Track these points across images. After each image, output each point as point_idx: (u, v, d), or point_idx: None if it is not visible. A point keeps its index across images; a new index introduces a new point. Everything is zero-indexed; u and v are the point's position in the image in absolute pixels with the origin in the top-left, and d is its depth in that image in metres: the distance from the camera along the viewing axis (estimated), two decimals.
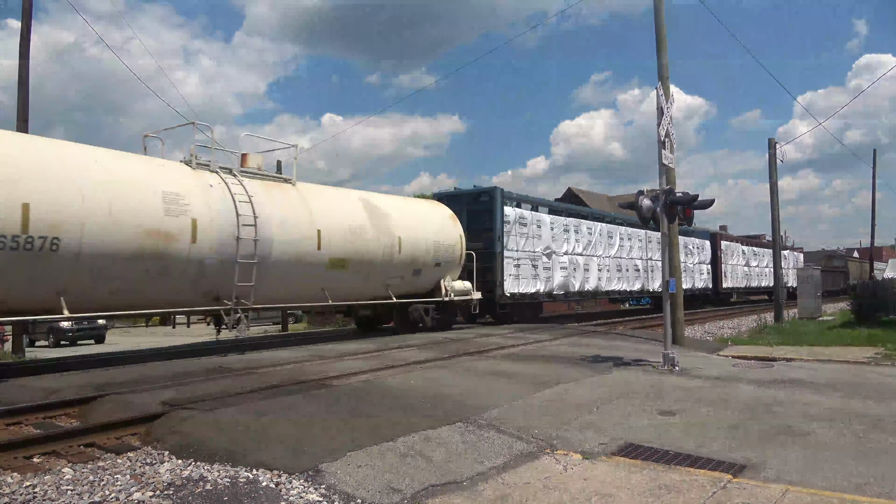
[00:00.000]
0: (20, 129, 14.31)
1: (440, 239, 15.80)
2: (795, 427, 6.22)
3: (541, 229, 20.52)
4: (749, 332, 20.32)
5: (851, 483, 4.63)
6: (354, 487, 4.56)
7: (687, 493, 4.45)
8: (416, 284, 15.50)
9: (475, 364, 10.01)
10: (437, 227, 15.96)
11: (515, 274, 18.99)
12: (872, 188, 39.58)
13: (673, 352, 10.20)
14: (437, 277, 15.98)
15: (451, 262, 16.26)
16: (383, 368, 9.26)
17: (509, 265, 18.75)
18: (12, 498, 4.26)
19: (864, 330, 17.38)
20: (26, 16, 14.98)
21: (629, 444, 5.72)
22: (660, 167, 10.73)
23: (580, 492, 4.54)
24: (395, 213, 14.92)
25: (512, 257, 18.89)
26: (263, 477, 4.70)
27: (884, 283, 24.40)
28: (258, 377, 8.40)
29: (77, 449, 5.60)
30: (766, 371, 10.00)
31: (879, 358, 11.91)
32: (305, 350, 11.83)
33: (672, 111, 10.96)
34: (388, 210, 14.78)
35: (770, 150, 22.77)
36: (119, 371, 9.15)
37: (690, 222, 11.26)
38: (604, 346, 13.12)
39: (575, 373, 9.33)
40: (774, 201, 23.13)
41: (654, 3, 14.27)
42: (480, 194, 19.75)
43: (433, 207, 17.06)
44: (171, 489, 4.46)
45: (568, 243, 21.92)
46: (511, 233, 18.94)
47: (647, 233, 27.06)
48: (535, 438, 5.87)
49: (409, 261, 14.86)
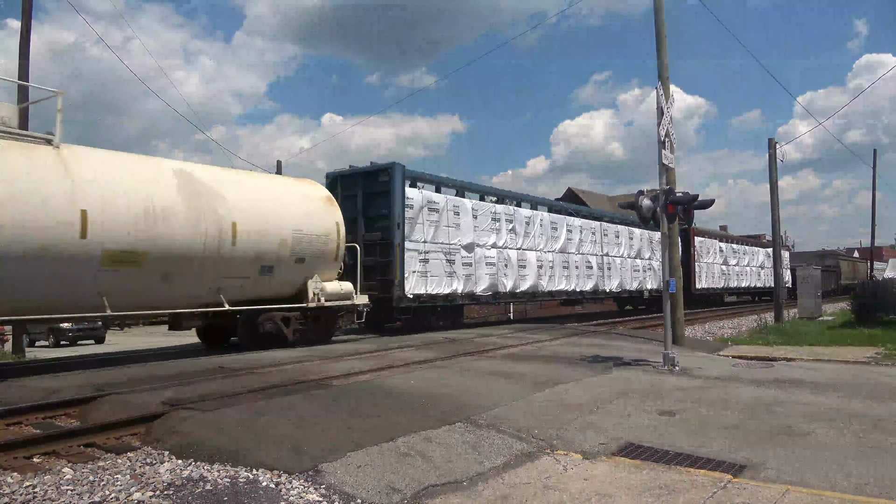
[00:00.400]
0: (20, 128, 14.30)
1: (305, 227, 12.46)
2: (795, 427, 6.21)
3: (460, 217, 17.13)
4: (749, 332, 20.31)
5: (851, 483, 4.63)
6: (354, 487, 4.56)
7: (687, 494, 4.45)
8: (268, 287, 12.19)
9: (475, 364, 10.01)
10: (300, 212, 12.56)
11: (422, 271, 15.69)
12: (872, 188, 39.59)
13: (673, 352, 10.20)
14: (302, 277, 12.61)
15: (321, 257, 12.88)
16: (383, 368, 9.26)
17: (413, 260, 15.45)
18: (12, 498, 4.26)
19: (865, 330, 17.38)
20: (26, 15, 14.98)
21: (629, 444, 5.71)
22: (660, 167, 10.73)
23: (580, 492, 4.54)
24: (232, 191, 11.46)
25: (417, 250, 15.59)
26: (263, 477, 4.70)
27: (884, 283, 24.41)
28: (258, 377, 8.40)
29: (77, 449, 5.60)
30: (767, 371, 9.99)
31: (880, 358, 11.91)
32: (305, 350, 11.82)
33: (672, 111, 10.96)
34: (219, 187, 11.35)
35: (770, 150, 22.76)
36: (119, 371, 9.15)
37: (690, 222, 11.28)
38: (604, 345, 13.11)
39: (575, 373, 9.33)
40: (774, 201, 23.13)
41: (654, 3, 14.26)
42: (378, 173, 16.10)
43: (298, 187, 13.44)
44: (171, 489, 4.46)
45: (498, 235, 18.50)
46: (417, 220, 15.70)
47: (601, 225, 24.48)
48: (535, 438, 5.87)
49: (252, 256, 11.52)
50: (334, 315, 13.58)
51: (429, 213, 16.12)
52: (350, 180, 16.52)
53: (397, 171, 15.65)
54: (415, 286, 15.45)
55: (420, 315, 16.22)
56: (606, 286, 24.25)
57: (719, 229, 50.01)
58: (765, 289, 41.06)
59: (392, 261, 15.13)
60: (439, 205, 16.54)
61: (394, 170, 15.66)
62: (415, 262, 15.50)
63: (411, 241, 15.46)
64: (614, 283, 24.80)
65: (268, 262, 11.88)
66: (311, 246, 12.61)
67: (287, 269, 12.29)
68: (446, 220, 16.65)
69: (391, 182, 15.50)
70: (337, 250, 13.31)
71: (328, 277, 13.18)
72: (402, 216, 15.32)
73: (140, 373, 8.83)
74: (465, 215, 17.39)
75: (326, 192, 13.95)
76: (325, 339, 13.32)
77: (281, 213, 12.21)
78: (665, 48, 14.19)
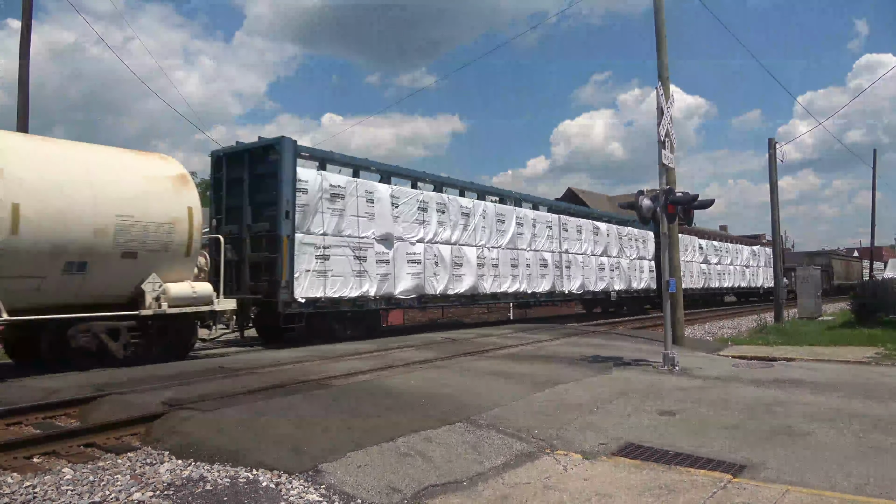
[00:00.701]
0: (20, 128, 14.33)
1: (138, 213, 9.85)
2: (795, 427, 6.22)
3: (374, 205, 14.43)
4: (749, 332, 20.31)
5: (851, 483, 4.63)
6: (354, 487, 4.56)
7: (687, 494, 4.45)
8: (82, 289, 9.49)
9: (475, 364, 10.02)
10: (132, 194, 9.90)
11: (320, 269, 13.04)
12: (872, 188, 39.55)
13: (673, 352, 10.20)
14: (137, 277, 10.01)
15: (164, 251, 10.22)
16: (383, 368, 9.26)
17: (307, 256, 12.80)
18: (12, 498, 4.26)
19: (865, 330, 17.39)
20: (26, 15, 14.97)
21: (629, 444, 5.72)
22: (660, 167, 10.73)
23: (580, 492, 4.54)
24: (14, 163, 8.76)
25: (313, 244, 12.95)
26: (263, 477, 4.70)
27: (884, 283, 24.41)
28: (258, 377, 8.40)
29: (77, 449, 5.60)
30: (767, 371, 10.00)
31: (880, 358, 11.92)
32: (305, 350, 11.82)
33: (672, 111, 10.97)
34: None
35: (770, 149, 22.77)
36: (119, 371, 9.14)
37: (690, 222, 11.29)
38: (603, 345, 13.12)
39: (575, 373, 9.33)
40: (774, 201, 23.14)
41: (654, 3, 14.26)
42: (267, 150, 13.31)
43: (137, 161, 10.62)
44: (171, 489, 4.46)
45: (426, 227, 15.83)
46: (315, 208, 13.09)
47: (560, 218, 21.70)
48: (535, 438, 5.87)
49: (47, 248, 8.88)
50: (190, 325, 10.88)
51: (331, 200, 13.43)
52: (236, 160, 13.82)
53: (286, 147, 12.92)
54: (309, 288, 12.79)
55: (316, 323, 13.49)
56: (566, 287, 21.51)
57: (719, 229, 49.97)
58: (750, 289, 39.74)
59: (278, 257, 12.56)
60: (345, 190, 13.82)
61: (282, 146, 12.90)
62: (309, 258, 12.86)
63: (306, 232, 12.88)
64: (575, 283, 22.11)
65: (75, 258, 9.18)
66: (148, 237, 9.95)
67: (110, 266, 9.60)
68: (355, 209, 13.93)
69: (280, 162, 12.82)
70: (189, 243, 10.52)
71: (178, 277, 10.49)
72: (291, 203, 12.68)
73: (140, 373, 8.84)
74: (382, 203, 14.69)
75: (179, 169, 10.98)
76: (179, 355, 10.67)
77: (97, 193, 9.44)
78: (665, 48, 14.19)
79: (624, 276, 25.12)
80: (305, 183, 13.02)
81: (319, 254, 13.09)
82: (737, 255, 37.94)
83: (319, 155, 14.48)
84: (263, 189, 13.18)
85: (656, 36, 14.31)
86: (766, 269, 40.75)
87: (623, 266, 25.18)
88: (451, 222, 16.71)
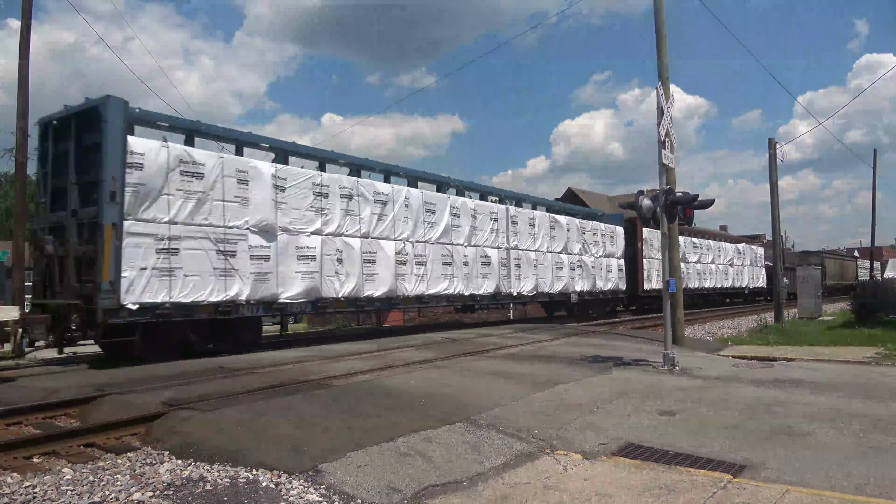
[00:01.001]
0: (20, 127, 14.30)
1: None
2: (795, 427, 6.21)
3: (249, 188, 11.65)
4: (749, 332, 20.33)
5: (851, 483, 4.63)
6: (354, 487, 4.56)
7: (687, 494, 4.45)
8: None
9: (475, 364, 10.02)
10: None
11: (165, 267, 10.30)
12: (872, 188, 39.55)
13: (673, 352, 10.20)
14: None
15: None
16: (383, 368, 9.27)
17: (142, 250, 10.05)
18: (12, 498, 4.27)
19: (865, 330, 17.38)
20: (26, 15, 14.96)
21: (629, 444, 5.71)
22: (660, 167, 10.73)
23: (580, 492, 4.54)
24: None
25: (154, 234, 10.22)
26: (263, 477, 4.70)
27: (884, 283, 24.42)
28: (258, 377, 8.40)
29: (77, 449, 5.61)
30: (767, 371, 10.00)
31: (880, 358, 11.91)
32: (306, 350, 11.83)
33: (672, 111, 10.97)
34: None
35: (770, 149, 22.78)
36: (119, 371, 9.15)
37: (690, 222, 11.28)
38: (603, 345, 13.11)
39: (575, 373, 9.33)
40: (774, 201, 23.15)
41: (654, 3, 14.26)
42: (95, 114, 10.24)
43: None
44: (171, 489, 4.46)
45: (326, 216, 13.08)
46: (156, 188, 10.32)
47: (508, 209, 18.80)
48: (535, 438, 5.87)
49: None
50: None
51: (182, 180, 10.64)
52: (65, 129, 10.90)
53: (112, 110, 10.07)
54: (146, 291, 10.04)
55: (162, 335, 10.64)
56: (514, 288, 18.63)
57: (719, 229, 49.92)
58: (734, 289, 36.72)
59: (98, 251, 9.81)
60: (205, 166, 10.99)
61: (106, 109, 10.04)
62: (147, 252, 10.10)
63: (140, 220, 10.10)
64: (527, 284, 19.21)
65: None
66: None
67: None
68: (221, 192, 11.19)
69: (104, 129, 9.99)
70: None
71: None
72: (120, 182, 9.91)
73: (140, 373, 8.84)
74: (260, 185, 11.87)
75: None
76: None
77: None
78: (665, 48, 14.19)
79: (588, 275, 22.38)
80: (141, 156, 10.17)
81: (163, 247, 10.29)
82: (719, 253, 34.73)
83: (183, 125, 11.78)
84: (92, 165, 10.28)
85: (656, 36, 14.31)
86: (752, 269, 38.96)
87: (587, 264, 22.35)
88: (362, 211, 13.95)
